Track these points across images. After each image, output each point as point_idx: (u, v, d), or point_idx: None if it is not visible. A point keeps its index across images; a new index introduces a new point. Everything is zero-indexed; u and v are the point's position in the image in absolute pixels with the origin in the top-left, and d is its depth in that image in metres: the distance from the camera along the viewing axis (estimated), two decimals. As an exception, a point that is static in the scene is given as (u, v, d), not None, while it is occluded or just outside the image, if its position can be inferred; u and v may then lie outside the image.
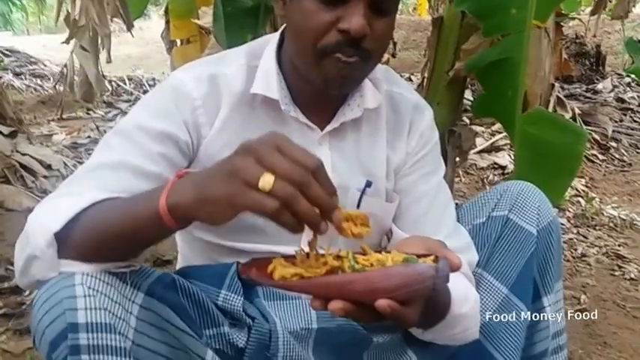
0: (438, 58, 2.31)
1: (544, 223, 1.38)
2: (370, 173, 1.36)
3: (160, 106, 1.25)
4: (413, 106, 1.41)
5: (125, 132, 1.22)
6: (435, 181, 1.41)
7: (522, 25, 1.93)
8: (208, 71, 1.28)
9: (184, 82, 1.26)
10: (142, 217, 0.96)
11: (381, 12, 1.16)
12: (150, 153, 1.19)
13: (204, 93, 1.26)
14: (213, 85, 1.27)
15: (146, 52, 12.77)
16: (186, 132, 1.24)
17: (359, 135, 1.36)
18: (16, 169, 3.94)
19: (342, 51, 1.15)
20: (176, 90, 1.26)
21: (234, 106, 1.27)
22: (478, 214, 1.45)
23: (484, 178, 4.44)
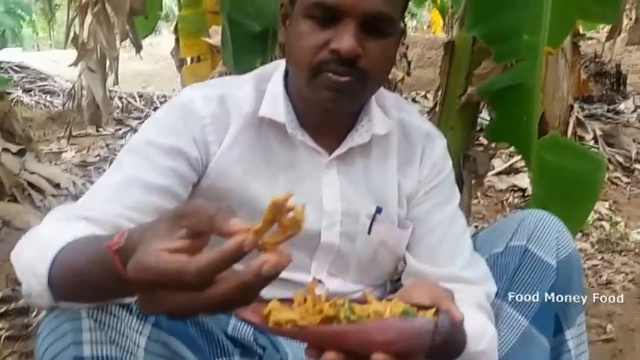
0: (450, 83, 2.31)
1: (564, 254, 1.37)
2: (380, 199, 1.37)
3: (169, 123, 1.28)
4: (425, 134, 1.42)
5: (135, 149, 1.25)
6: (449, 211, 1.42)
7: (535, 51, 1.92)
8: (218, 91, 1.31)
9: (193, 99, 1.29)
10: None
11: (376, 33, 1.19)
12: (160, 167, 1.21)
13: (212, 112, 1.28)
14: (223, 105, 1.29)
15: (157, 68, 12.81)
16: (195, 148, 1.26)
17: (368, 161, 1.37)
18: (24, 187, 3.97)
19: (333, 69, 1.17)
20: (185, 107, 1.28)
21: (243, 127, 1.29)
22: (496, 243, 1.43)
23: (503, 201, 4.41)
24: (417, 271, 1.39)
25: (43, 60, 11.46)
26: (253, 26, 2.38)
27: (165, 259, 0.74)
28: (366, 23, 1.16)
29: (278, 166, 1.32)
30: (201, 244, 0.79)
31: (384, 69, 1.27)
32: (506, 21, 1.97)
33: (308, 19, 1.19)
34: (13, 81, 8.57)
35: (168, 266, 0.74)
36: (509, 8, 1.96)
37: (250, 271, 0.74)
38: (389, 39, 1.22)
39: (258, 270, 0.73)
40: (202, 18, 4.68)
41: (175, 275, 0.73)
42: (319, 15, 1.18)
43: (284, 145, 1.32)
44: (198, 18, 4.69)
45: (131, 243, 0.82)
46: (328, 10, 1.16)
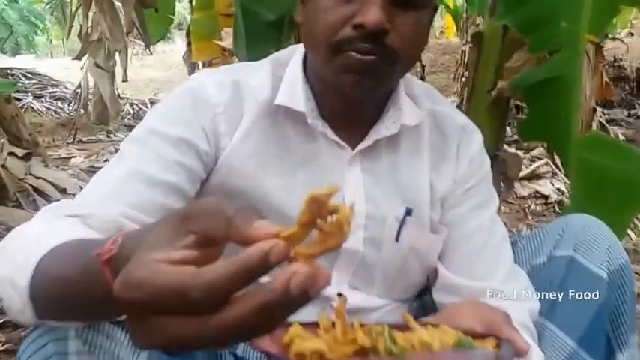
0: (479, 77, 2.17)
1: (615, 265, 1.20)
2: (411, 200, 1.21)
3: (177, 111, 1.14)
4: (460, 127, 1.26)
5: (138, 138, 1.12)
6: (487, 215, 1.25)
7: (575, 41, 1.78)
8: (232, 77, 1.17)
9: (205, 85, 1.15)
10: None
11: (406, 5, 1.04)
12: (165, 160, 1.08)
13: (225, 99, 1.15)
14: (237, 91, 1.16)
15: (168, 76, 12.82)
16: (204, 140, 1.13)
17: (396, 156, 1.21)
18: (29, 192, 3.86)
19: (357, 48, 1.02)
20: (195, 94, 1.15)
21: (258, 117, 1.16)
22: (537, 253, 1.28)
23: (525, 208, 4.23)
24: (451, 284, 1.23)
25: (54, 67, 11.53)
26: (267, 15, 2.25)
27: (164, 273, 0.54)
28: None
29: (296, 160, 1.17)
30: (214, 255, 0.59)
31: (415, 48, 1.10)
32: (543, 7, 1.84)
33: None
34: (24, 87, 8.64)
35: (168, 281, 0.54)
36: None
37: (274, 287, 0.53)
38: (421, 12, 1.07)
39: (284, 284, 0.52)
40: (214, 21, 4.63)
41: (177, 293, 0.53)
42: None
43: (302, 137, 1.18)
44: (210, 21, 4.65)
45: (126, 251, 0.64)
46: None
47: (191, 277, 0.53)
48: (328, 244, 0.59)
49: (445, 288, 1.24)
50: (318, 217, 0.58)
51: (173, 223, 0.60)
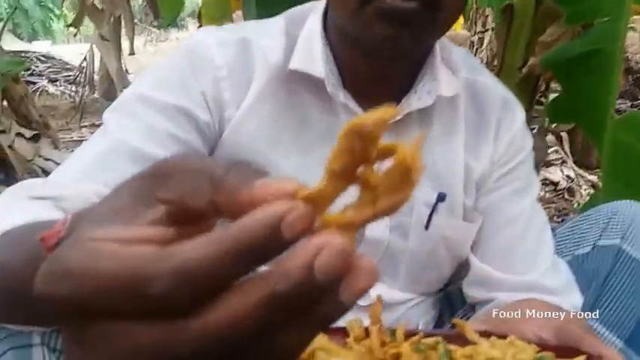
0: (508, 53, 2.03)
1: None
2: (443, 184, 1.06)
3: (171, 74, 0.97)
4: (502, 101, 1.10)
5: (122, 106, 0.95)
6: (528, 201, 1.11)
7: (619, 10, 1.63)
8: (239, 35, 1.00)
9: (207, 45, 0.98)
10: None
11: None
12: (155, 131, 0.91)
13: (231, 60, 0.97)
14: (245, 51, 0.99)
15: (183, 61, 12.81)
16: (205, 109, 0.96)
17: (429, 133, 1.05)
18: (37, 174, 3.75)
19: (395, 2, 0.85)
20: (195, 54, 0.98)
21: (268, 82, 0.99)
22: (580, 242, 1.14)
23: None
24: (486, 277, 1.10)
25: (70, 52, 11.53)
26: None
27: (112, 255, 0.33)
28: None
29: (312, 136, 1.01)
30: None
31: (460, 4, 0.95)
32: None
33: None
34: (39, 71, 8.60)
35: (117, 267, 0.32)
36: None
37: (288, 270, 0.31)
38: None
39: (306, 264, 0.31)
40: (225, 3, 4.52)
41: (130, 285, 0.31)
42: None
43: (321, 108, 1.01)
44: (221, 3, 4.54)
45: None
46: None
47: (153, 261, 0.32)
48: (381, 205, 0.34)
49: (479, 281, 1.11)
50: (361, 162, 0.35)
51: (135, 188, 0.38)
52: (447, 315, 1.23)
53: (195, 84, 0.96)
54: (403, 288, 1.11)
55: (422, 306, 1.15)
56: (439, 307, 1.22)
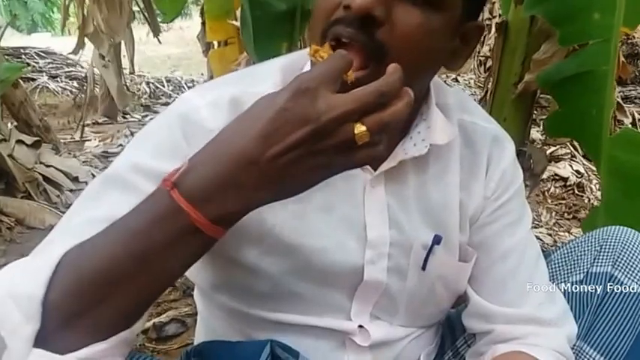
0: (504, 69, 2.08)
1: None
2: (440, 224, 1.11)
3: (164, 141, 0.98)
4: (491, 138, 1.15)
5: (117, 176, 0.96)
6: (521, 234, 1.16)
7: (608, 33, 1.68)
8: (230, 93, 1.01)
9: (197, 108, 0.99)
10: (154, 229, 0.77)
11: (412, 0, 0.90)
12: None
13: (223, 122, 0.92)
14: (237, 110, 0.94)
15: (186, 52, 12.74)
16: None
17: (424, 176, 1.10)
18: (39, 182, 3.83)
19: (338, 29, 0.90)
20: (186, 119, 0.99)
21: None
22: (574, 269, 1.21)
23: (545, 191, 4.21)
24: (483, 311, 1.16)
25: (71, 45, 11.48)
26: (278, 4, 2.12)
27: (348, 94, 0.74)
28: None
29: None
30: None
31: (414, 52, 0.92)
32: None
33: None
34: (38, 67, 8.59)
35: (364, 92, 0.74)
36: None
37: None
38: (431, 14, 0.91)
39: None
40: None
41: (377, 96, 0.74)
42: None
43: None
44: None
45: (196, 164, 0.77)
46: None
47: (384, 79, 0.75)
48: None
49: (477, 314, 1.17)
50: None
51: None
52: (448, 341, 1.29)
53: (188, 149, 0.92)
54: (404, 324, 1.16)
55: (423, 337, 1.21)
56: (441, 333, 1.28)
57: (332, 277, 1.06)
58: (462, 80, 8.56)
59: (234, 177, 0.75)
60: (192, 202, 0.75)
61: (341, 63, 0.76)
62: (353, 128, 0.72)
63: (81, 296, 0.77)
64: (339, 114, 0.71)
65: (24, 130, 4.29)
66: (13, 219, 3.48)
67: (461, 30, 0.97)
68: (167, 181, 0.76)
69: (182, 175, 0.76)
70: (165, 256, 0.78)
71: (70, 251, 0.79)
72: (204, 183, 0.75)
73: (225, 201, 0.75)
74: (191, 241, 0.77)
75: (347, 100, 0.72)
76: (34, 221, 3.51)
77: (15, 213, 3.50)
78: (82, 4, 3.83)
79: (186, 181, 0.76)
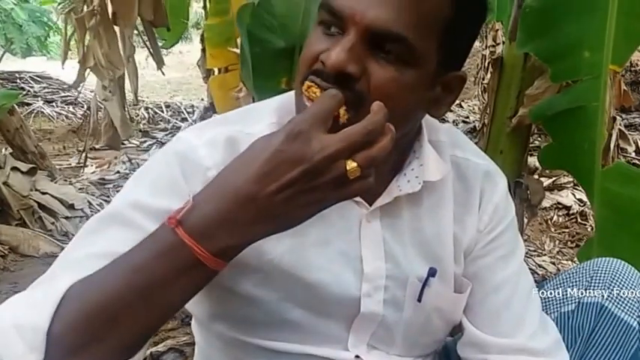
0: (499, 103, 2.17)
1: None
2: (434, 257, 1.17)
3: (162, 179, 1.04)
4: (483, 173, 1.22)
5: (117, 213, 1.01)
6: (514, 266, 1.22)
7: (598, 70, 1.78)
8: (226, 133, 1.08)
9: (195, 147, 1.06)
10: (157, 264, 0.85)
11: (387, 56, 0.96)
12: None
13: (220, 161, 1.02)
14: (233, 150, 1.04)
15: (186, 77, 12.81)
16: None
17: (418, 210, 1.16)
18: (34, 210, 3.88)
19: (317, 82, 0.96)
20: (184, 157, 1.05)
21: None
22: (566, 300, 1.27)
23: (548, 220, 4.28)
24: (477, 341, 1.21)
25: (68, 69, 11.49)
26: (277, 42, 2.21)
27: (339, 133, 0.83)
28: (373, 40, 0.96)
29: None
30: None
31: (392, 101, 0.94)
32: (565, 36, 1.83)
33: (319, 25, 1.02)
34: (34, 91, 8.68)
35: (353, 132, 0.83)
36: (568, 22, 1.82)
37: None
38: (405, 70, 0.97)
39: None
40: (230, 27, 4.58)
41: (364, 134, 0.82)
42: (326, 21, 1.00)
43: None
44: (225, 27, 4.61)
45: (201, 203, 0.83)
46: (333, 15, 0.98)
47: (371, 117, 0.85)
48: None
49: (471, 344, 1.22)
50: None
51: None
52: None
53: (186, 186, 1.01)
54: (401, 354, 1.22)
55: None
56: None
57: (329, 308, 1.11)
58: (465, 106, 8.64)
59: (234, 214, 0.82)
60: (196, 238, 0.82)
61: (332, 103, 0.86)
62: (345, 165, 0.81)
63: (85, 329, 0.83)
64: (330, 153, 0.80)
65: (19, 157, 4.34)
66: (7, 247, 3.53)
67: (440, 81, 1.04)
68: (172, 219, 0.83)
69: (186, 214, 0.83)
70: (168, 290, 0.85)
71: (74, 285, 0.86)
72: (206, 220, 0.83)
73: (226, 236, 0.83)
74: (194, 274, 0.84)
75: (337, 139, 0.81)
76: (28, 249, 3.57)
77: (9, 241, 3.55)
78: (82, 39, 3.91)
79: (190, 219, 0.83)
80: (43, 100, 8.51)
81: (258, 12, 2.23)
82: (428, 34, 0.98)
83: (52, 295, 0.84)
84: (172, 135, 7.33)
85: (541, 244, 3.88)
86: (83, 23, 3.84)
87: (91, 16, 3.74)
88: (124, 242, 0.93)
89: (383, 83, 0.97)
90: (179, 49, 14.74)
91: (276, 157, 0.81)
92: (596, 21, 1.77)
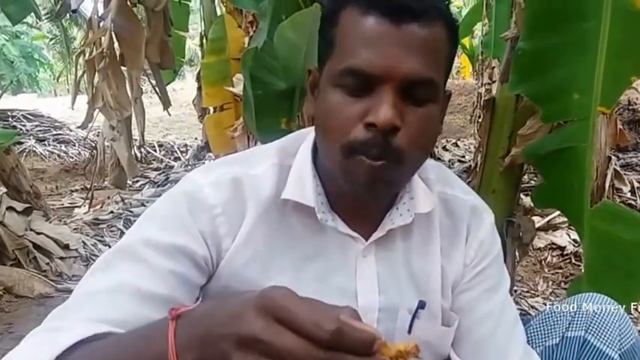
0: (492, 143, 2.25)
1: (626, 345, 1.27)
2: (423, 289, 1.24)
3: (171, 216, 1.13)
4: (470, 209, 1.30)
5: (127, 249, 1.09)
6: (498, 299, 1.29)
7: (587, 112, 1.86)
8: (231, 174, 1.16)
9: (201, 187, 1.14)
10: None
11: (416, 101, 1.06)
12: (158, 271, 1.06)
13: (225, 199, 1.14)
14: (237, 189, 1.15)
15: (179, 115, 12.87)
16: (203, 245, 1.12)
17: (410, 244, 1.24)
18: (29, 250, 3.93)
19: (368, 152, 1.04)
20: (191, 196, 1.14)
21: (261, 214, 1.16)
22: (550, 334, 1.33)
23: (542, 260, 4.29)
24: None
25: (59, 106, 11.50)
26: (278, 84, 2.32)
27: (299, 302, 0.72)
28: (405, 90, 1.04)
29: (304, 256, 1.19)
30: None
31: (425, 144, 1.11)
32: (555, 79, 1.91)
33: (338, 87, 1.07)
34: (25, 130, 8.74)
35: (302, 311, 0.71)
36: (559, 64, 1.90)
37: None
38: (431, 107, 1.08)
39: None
40: (226, 65, 4.68)
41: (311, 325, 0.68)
42: (351, 83, 1.06)
43: (311, 230, 1.19)
44: (222, 65, 4.70)
45: (200, 315, 0.79)
46: (361, 76, 1.04)
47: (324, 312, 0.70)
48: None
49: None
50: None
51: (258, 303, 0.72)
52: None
53: (193, 224, 1.11)
54: None
55: None
56: None
57: None
58: (462, 145, 8.73)
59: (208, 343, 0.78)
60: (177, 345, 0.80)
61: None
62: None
63: None
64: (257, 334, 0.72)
65: (14, 197, 4.40)
66: (2, 287, 3.57)
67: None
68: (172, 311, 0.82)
69: (184, 313, 0.82)
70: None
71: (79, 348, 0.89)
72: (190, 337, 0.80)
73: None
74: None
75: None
76: (23, 290, 3.60)
77: (4, 281, 3.59)
78: (91, 81, 4.02)
79: (181, 326, 0.81)
80: (35, 139, 8.59)
81: (260, 55, 2.33)
82: (441, 68, 1.10)
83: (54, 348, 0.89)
84: (165, 174, 7.40)
85: (534, 285, 3.90)
86: (93, 65, 3.93)
87: (100, 58, 3.83)
88: (136, 277, 1.04)
89: (421, 128, 1.07)
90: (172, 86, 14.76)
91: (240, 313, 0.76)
92: (586, 63, 1.84)
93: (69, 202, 6.17)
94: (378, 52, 1.03)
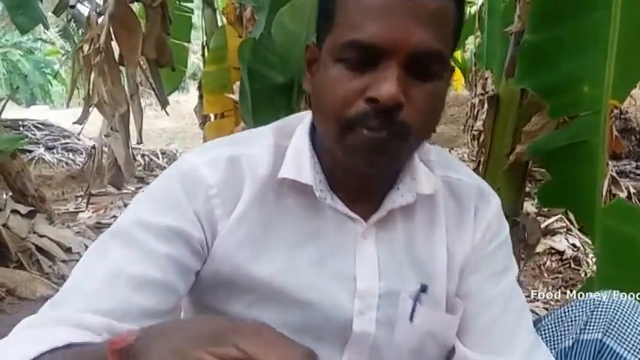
0: (495, 141, 2.11)
1: None
2: (427, 273, 1.11)
3: (166, 196, 1.03)
4: (477, 191, 1.16)
5: (122, 231, 1.00)
6: (506, 284, 1.15)
7: (598, 105, 1.70)
8: (227, 153, 1.06)
9: (197, 166, 1.04)
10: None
11: (423, 76, 0.94)
12: (153, 255, 0.98)
13: (221, 179, 1.04)
14: (234, 168, 1.05)
15: (181, 126, 12.88)
16: (199, 227, 1.02)
17: (412, 226, 1.11)
18: (32, 252, 3.80)
19: (368, 124, 0.93)
20: (186, 175, 1.04)
21: (257, 194, 1.05)
22: (564, 336, 1.18)
23: (541, 265, 4.17)
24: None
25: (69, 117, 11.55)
26: (276, 77, 2.17)
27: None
28: (412, 64, 0.93)
29: (300, 238, 1.07)
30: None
31: (430, 120, 1.00)
32: (564, 71, 1.78)
33: (339, 62, 0.96)
34: (35, 138, 8.72)
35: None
36: (567, 57, 1.77)
37: None
38: (437, 82, 0.97)
39: None
40: (227, 74, 4.63)
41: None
42: (354, 57, 0.94)
43: (308, 210, 1.07)
44: (222, 74, 4.65)
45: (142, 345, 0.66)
46: (366, 50, 0.93)
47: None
48: None
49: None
50: None
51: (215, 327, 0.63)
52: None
53: (188, 205, 1.01)
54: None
55: None
56: None
57: (322, 331, 1.05)
58: (455, 154, 8.67)
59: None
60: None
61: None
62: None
63: None
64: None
65: (19, 200, 4.29)
66: (4, 289, 3.43)
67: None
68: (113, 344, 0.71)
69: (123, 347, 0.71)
70: None
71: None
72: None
73: None
74: None
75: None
76: (25, 292, 3.46)
77: (6, 283, 3.46)
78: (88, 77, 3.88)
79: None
80: (44, 147, 8.59)
81: (258, 48, 2.22)
82: (449, 40, 0.98)
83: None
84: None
85: (534, 290, 3.79)
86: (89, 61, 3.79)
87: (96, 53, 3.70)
88: (130, 261, 0.96)
89: (427, 104, 0.96)
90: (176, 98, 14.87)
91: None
92: (596, 54, 1.71)
93: (74, 207, 6.09)
94: (385, 24, 0.92)
